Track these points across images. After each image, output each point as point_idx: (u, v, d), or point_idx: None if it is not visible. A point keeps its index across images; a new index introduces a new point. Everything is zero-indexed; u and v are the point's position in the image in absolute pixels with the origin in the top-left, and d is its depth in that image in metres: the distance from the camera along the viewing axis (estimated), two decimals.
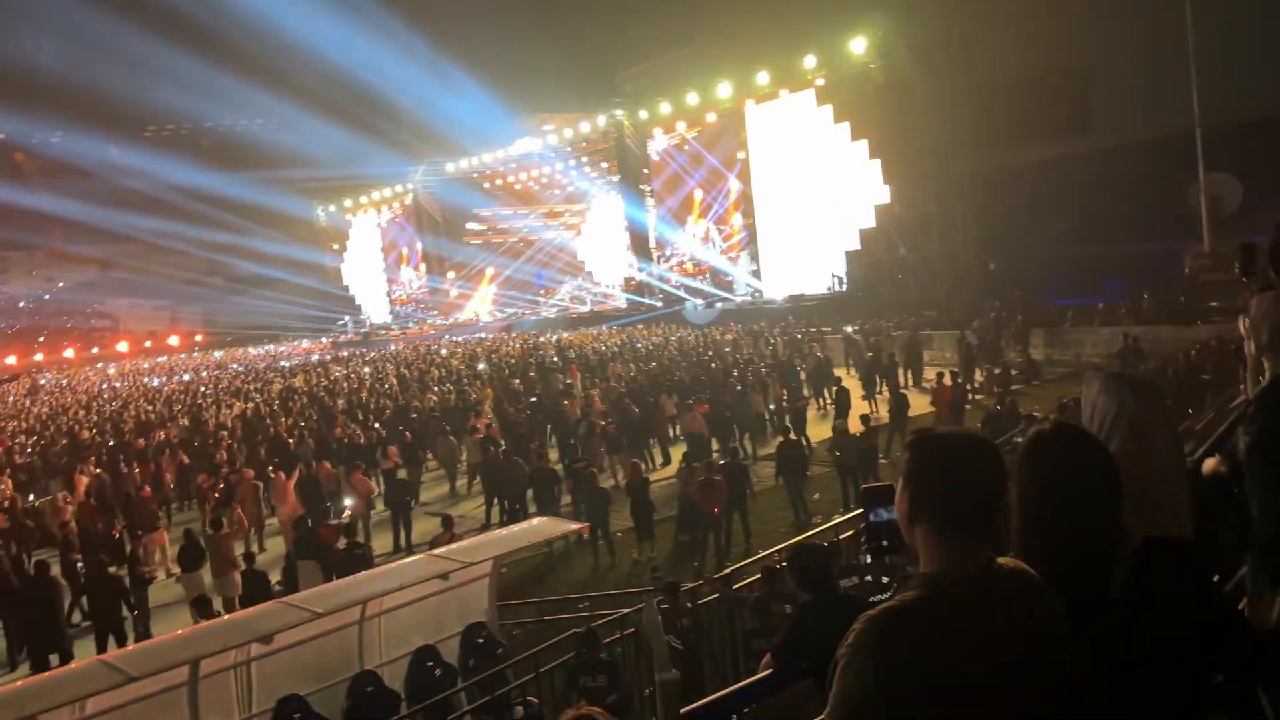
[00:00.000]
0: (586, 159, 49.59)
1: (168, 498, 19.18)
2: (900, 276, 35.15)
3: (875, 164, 34.44)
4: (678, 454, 17.74)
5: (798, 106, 37.97)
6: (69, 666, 10.30)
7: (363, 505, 16.10)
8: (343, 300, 66.40)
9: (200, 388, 37.51)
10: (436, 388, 27.37)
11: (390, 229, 63.08)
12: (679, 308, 42.52)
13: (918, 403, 18.51)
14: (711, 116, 41.81)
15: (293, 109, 63.66)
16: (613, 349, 32.29)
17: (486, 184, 55.17)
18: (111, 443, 23.91)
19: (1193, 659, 1.88)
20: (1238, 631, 2.01)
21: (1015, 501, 1.91)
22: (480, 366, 32.13)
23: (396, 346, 50.47)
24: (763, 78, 38.15)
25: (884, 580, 3.10)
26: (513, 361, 32.34)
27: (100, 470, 20.01)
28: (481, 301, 58.44)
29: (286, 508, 15.79)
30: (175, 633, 9.72)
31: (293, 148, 61.93)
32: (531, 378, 26.72)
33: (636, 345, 32.86)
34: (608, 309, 48.63)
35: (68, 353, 72.89)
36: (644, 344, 33.03)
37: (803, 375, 23.63)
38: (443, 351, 41.06)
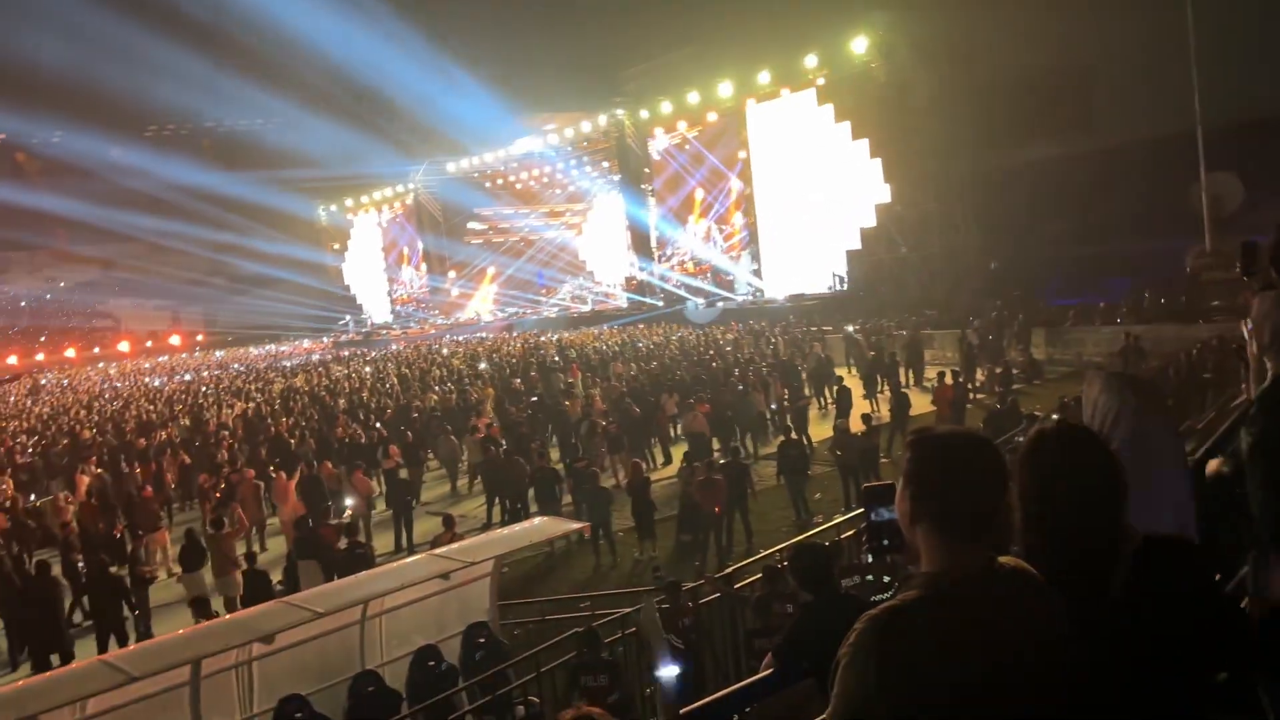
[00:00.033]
0: (587, 158, 49.58)
1: (169, 497, 19.17)
2: (901, 276, 35.11)
3: (876, 163, 34.45)
4: (679, 453, 17.74)
5: (799, 106, 37.97)
6: (70, 666, 10.31)
7: (364, 505, 16.09)
8: (344, 300, 66.43)
9: (201, 387, 37.53)
10: (438, 387, 27.38)
11: (391, 228, 63.09)
12: (680, 307, 42.48)
13: (919, 402, 18.52)
14: (712, 116, 41.80)
15: (294, 108, 63.76)
16: (614, 348, 32.28)
17: (487, 183, 55.19)
18: (113, 443, 23.94)
19: (1194, 658, 1.88)
20: (1239, 631, 2.01)
21: (1016, 500, 1.91)
22: (481, 366, 32.12)
23: (398, 346, 50.41)
24: (764, 77, 38.17)
25: (885, 580, 3.10)
26: (514, 361, 32.31)
27: (101, 470, 20.04)
28: (482, 301, 58.41)
29: (288, 507, 15.80)
30: (176, 632, 9.74)
31: (294, 147, 61.85)
32: (533, 377, 26.73)
33: (638, 344, 32.84)
34: (609, 308, 48.59)
35: (69, 353, 72.87)
36: (645, 343, 33.01)
37: (804, 374, 23.59)
38: (444, 351, 41.04)
